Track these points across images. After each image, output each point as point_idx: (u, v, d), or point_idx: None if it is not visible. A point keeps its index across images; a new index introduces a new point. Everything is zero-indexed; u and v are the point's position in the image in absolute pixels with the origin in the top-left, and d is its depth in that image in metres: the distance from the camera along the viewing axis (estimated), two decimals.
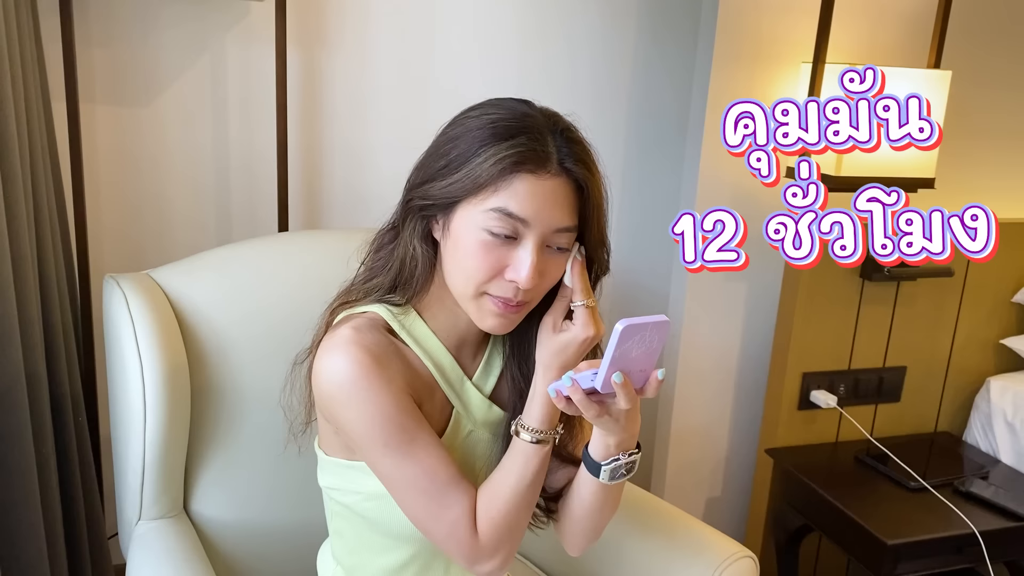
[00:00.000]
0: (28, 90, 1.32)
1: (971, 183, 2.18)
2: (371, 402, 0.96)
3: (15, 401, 1.25)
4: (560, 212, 0.94)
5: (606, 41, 1.92)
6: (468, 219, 0.94)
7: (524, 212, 0.92)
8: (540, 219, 0.93)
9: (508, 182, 0.92)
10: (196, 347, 1.32)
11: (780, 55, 1.92)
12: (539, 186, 0.92)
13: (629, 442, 0.96)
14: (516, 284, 0.94)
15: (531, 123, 0.94)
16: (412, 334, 1.04)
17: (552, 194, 0.93)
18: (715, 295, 2.05)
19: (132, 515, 1.30)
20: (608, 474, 0.97)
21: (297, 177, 1.75)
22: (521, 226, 0.93)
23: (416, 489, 0.98)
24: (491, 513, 0.98)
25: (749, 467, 2.22)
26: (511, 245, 0.94)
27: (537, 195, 0.92)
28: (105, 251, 1.67)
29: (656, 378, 0.90)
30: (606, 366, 0.85)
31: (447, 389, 1.06)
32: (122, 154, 1.65)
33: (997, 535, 1.73)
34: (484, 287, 0.95)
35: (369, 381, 0.96)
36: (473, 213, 0.94)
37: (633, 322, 0.83)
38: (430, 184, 0.96)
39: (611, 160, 2.03)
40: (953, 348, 2.15)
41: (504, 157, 0.91)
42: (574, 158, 0.95)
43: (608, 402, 0.90)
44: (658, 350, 0.87)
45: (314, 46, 1.72)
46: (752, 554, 1.29)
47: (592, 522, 1.06)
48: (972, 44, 2.06)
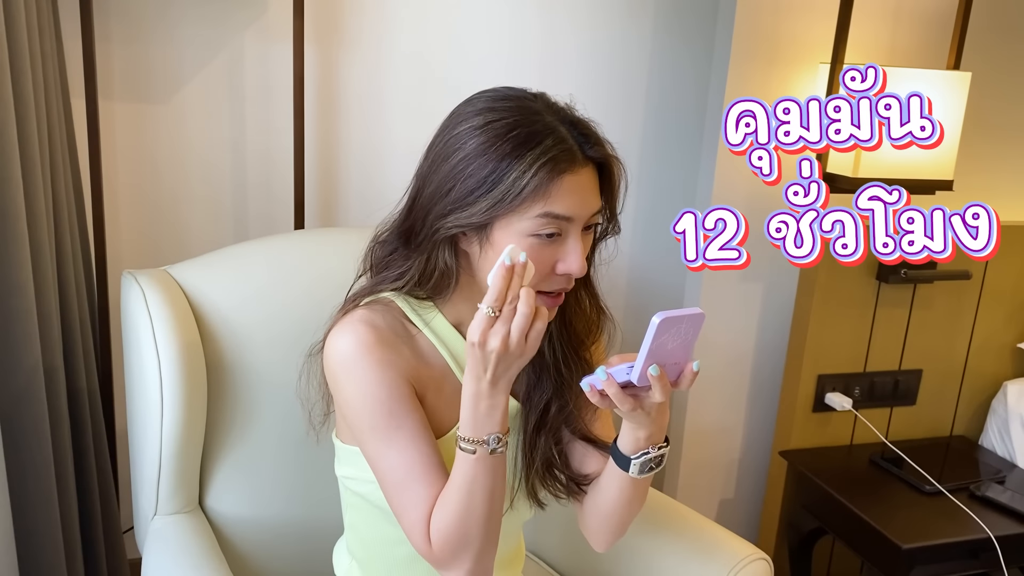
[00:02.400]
0: (48, 87, 1.33)
1: (990, 185, 2.16)
2: (365, 380, 0.97)
3: (33, 396, 1.26)
4: (594, 198, 0.96)
5: (624, 40, 1.92)
6: (512, 229, 0.93)
7: (569, 210, 0.93)
8: (582, 212, 0.95)
9: (553, 187, 0.92)
10: (213, 343, 1.33)
11: (798, 55, 1.91)
12: (576, 182, 0.94)
13: (658, 435, 0.96)
14: (570, 275, 0.96)
15: (544, 121, 0.94)
16: (429, 324, 1.04)
17: (587, 185, 0.95)
18: (730, 296, 2.05)
19: (148, 510, 1.31)
20: (638, 468, 0.97)
21: (314, 175, 1.76)
22: (566, 224, 0.94)
23: (389, 481, 0.99)
24: (440, 524, 0.96)
25: (763, 469, 2.22)
26: (557, 241, 0.95)
27: (576, 190, 0.94)
28: (123, 247, 1.68)
29: (691, 370, 0.90)
30: (643, 359, 0.85)
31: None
32: (140, 151, 1.66)
33: (1013, 540, 1.71)
34: (537, 287, 0.95)
35: (367, 360, 0.97)
36: (517, 223, 0.93)
37: (669, 315, 0.83)
38: (462, 211, 0.93)
39: (628, 158, 2.00)
40: (970, 351, 2.13)
41: (541, 166, 0.91)
42: (591, 143, 0.96)
43: (642, 396, 0.90)
44: (692, 343, 0.88)
45: (332, 43, 1.72)
46: (766, 556, 1.29)
47: (620, 517, 1.06)
48: (992, 45, 2.04)
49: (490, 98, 0.96)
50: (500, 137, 0.92)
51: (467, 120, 0.95)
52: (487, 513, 0.95)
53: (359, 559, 1.17)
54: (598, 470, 1.07)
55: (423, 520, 0.97)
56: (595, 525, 1.09)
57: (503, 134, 0.92)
